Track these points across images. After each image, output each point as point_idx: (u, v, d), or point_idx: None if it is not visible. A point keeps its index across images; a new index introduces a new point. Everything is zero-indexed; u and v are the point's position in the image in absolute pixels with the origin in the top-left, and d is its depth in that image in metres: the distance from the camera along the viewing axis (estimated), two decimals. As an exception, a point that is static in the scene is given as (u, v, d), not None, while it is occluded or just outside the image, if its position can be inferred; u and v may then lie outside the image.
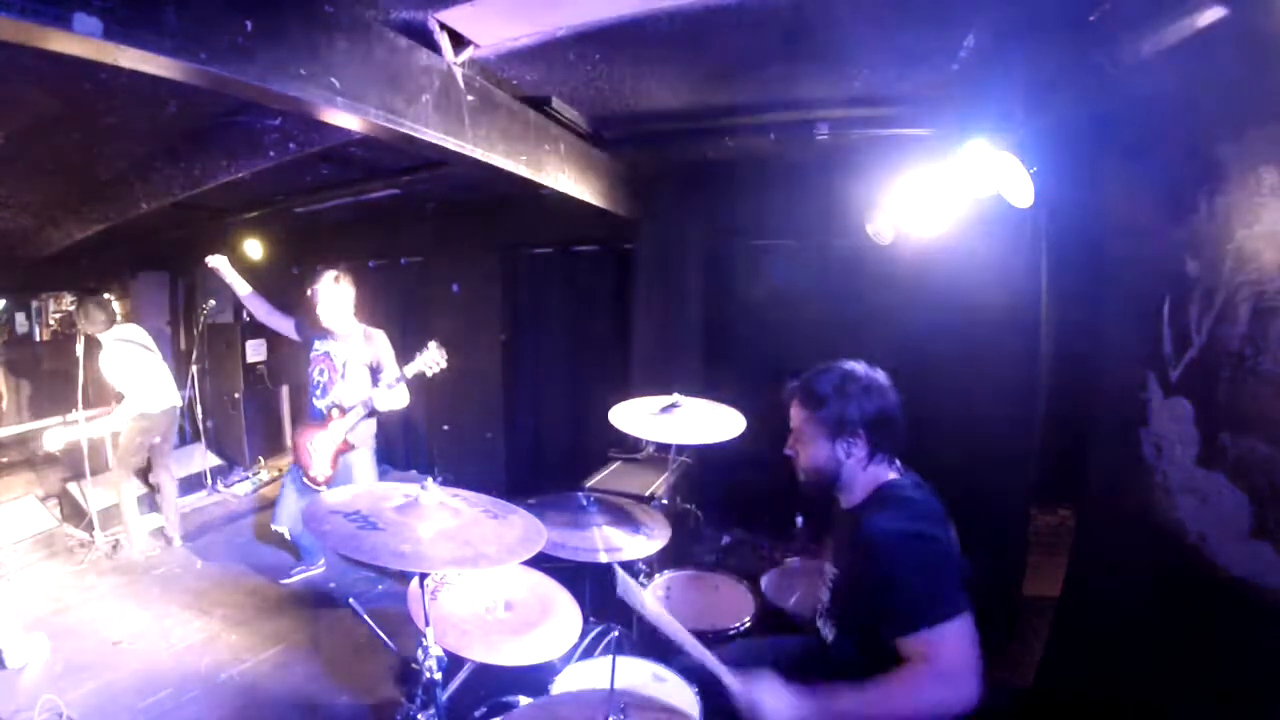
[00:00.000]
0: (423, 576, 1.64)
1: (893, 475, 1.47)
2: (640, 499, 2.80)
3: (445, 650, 1.64)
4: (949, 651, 1.19)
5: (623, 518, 2.29)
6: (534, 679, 1.83)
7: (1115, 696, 1.86)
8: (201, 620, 3.17)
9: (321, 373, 3.35)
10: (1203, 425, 1.56)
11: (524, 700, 1.83)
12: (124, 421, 3.75)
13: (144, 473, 4.05)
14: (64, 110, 2.38)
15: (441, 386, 4.40)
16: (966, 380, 2.87)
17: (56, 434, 3.53)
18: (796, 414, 1.52)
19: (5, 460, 4.88)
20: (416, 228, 4.91)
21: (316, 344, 3.38)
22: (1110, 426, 1.99)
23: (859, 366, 1.49)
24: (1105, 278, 2.12)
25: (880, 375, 1.48)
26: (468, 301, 4.86)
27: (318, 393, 3.35)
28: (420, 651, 1.61)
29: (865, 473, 1.47)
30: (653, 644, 2.13)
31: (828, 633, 1.52)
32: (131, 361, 3.74)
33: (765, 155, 3.34)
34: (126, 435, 3.79)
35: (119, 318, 4.22)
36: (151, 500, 4.13)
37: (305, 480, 3.34)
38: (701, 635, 2.04)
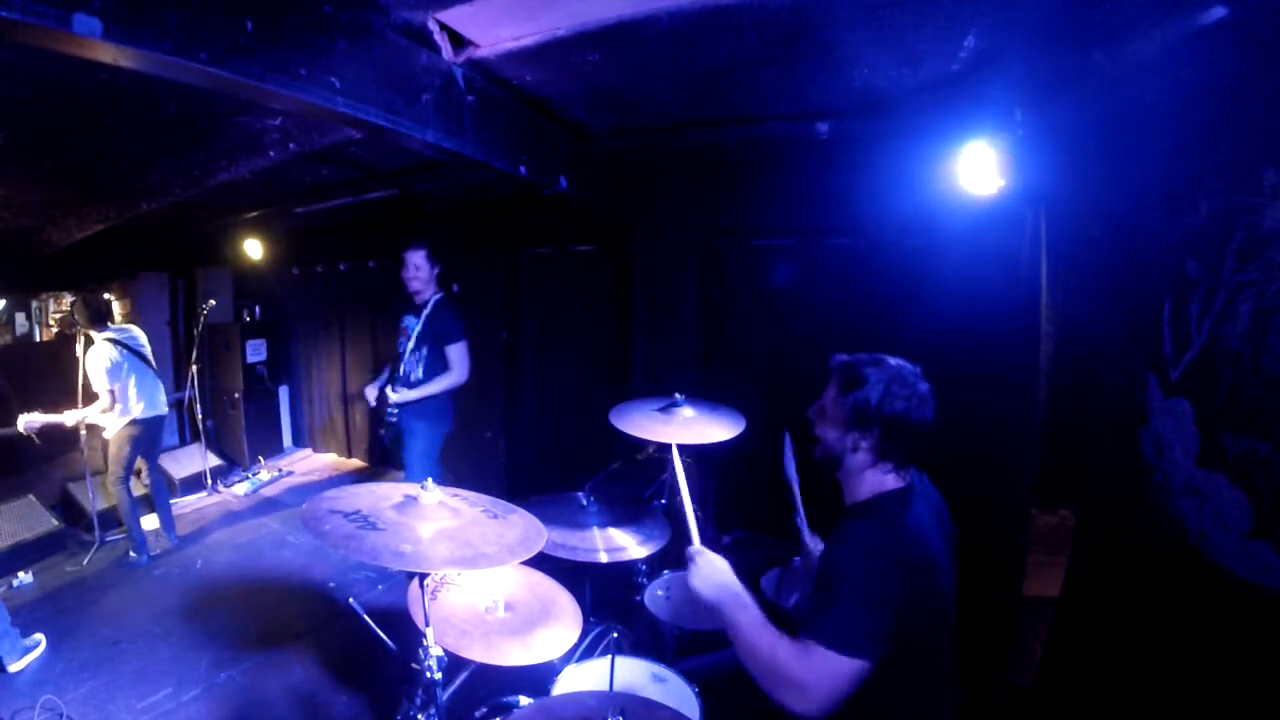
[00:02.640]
0: (422, 576, 1.64)
1: (898, 484, 1.44)
2: (640, 499, 2.80)
3: (445, 650, 1.64)
4: (826, 679, 1.21)
5: (623, 518, 2.29)
6: (534, 679, 1.83)
7: (1115, 696, 1.86)
8: (201, 620, 3.18)
9: (400, 345, 3.35)
10: (1203, 425, 1.55)
11: (524, 701, 1.83)
12: (111, 425, 3.72)
13: (138, 474, 4.05)
14: (64, 110, 2.38)
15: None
16: (966, 380, 2.86)
17: (31, 418, 3.53)
18: (829, 390, 1.51)
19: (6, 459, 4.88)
20: (416, 228, 4.91)
21: (405, 319, 3.38)
22: (1110, 426, 1.99)
23: (909, 370, 1.45)
24: (1105, 278, 2.11)
25: (924, 387, 1.44)
26: (468, 301, 4.86)
27: (399, 368, 3.33)
28: (420, 651, 1.61)
29: (868, 474, 1.45)
30: (653, 644, 2.14)
31: None
32: (120, 366, 3.70)
33: (765, 155, 3.34)
34: (115, 442, 3.76)
35: (117, 318, 4.20)
36: (151, 501, 4.13)
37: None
38: (701, 635, 2.06)
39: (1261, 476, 1.38)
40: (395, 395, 3.22)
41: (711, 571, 1.46)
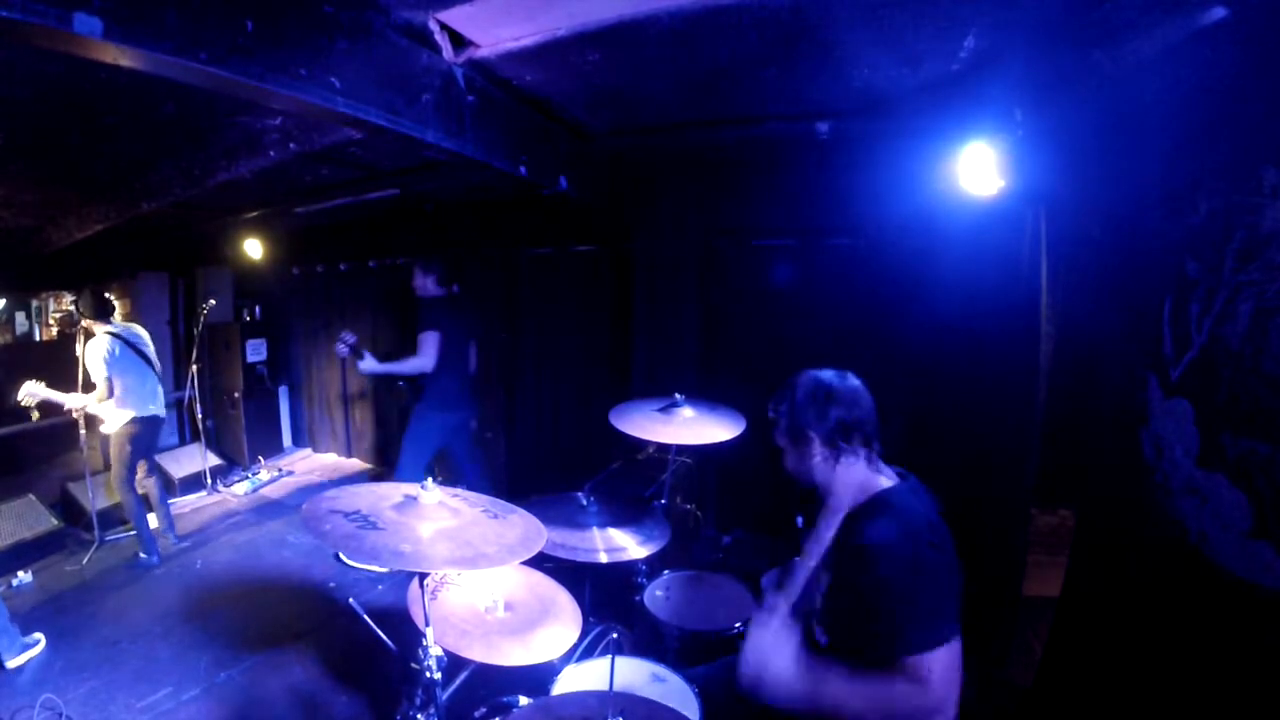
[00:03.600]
0: (422, 576, 1.64)
1: (887, 482, 1.46)
2: (640, 499, 2.80)
3: (445, 650, 1.64)
4: (934, 679, 1.22)
5: (623, 518, 2.29)
6: (534, 679, 1.83)
7: (1115, 696, 1.86)
8: (201, 620, 3.17)
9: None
10: (1203, 426, 1.55)
11: (524, 700, 1.83)
12: (110, 420, 3.72)
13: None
14: (64, 110, 2.38)
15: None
16: (967, 380, 2.87)
17: (33, 388, 3.55)
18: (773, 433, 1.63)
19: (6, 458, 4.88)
20: (416, 228, 4.92)
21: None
22: (1110, 426, 1.99)
23: (811, 376, 1.54)
24: (1105, 278, 2.11)
25: (848, 381, 1.52)
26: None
27: None
28: (420, 651, 1.61)
29: (840, 473, 1.48)
30: (653, 644, 2.13)
31: (821, 637, 1.50)
32: (118, 358, 3.69)
33: (765, 155, 3.34)
34: (115, 441, 3.76)
35: (118, 314, 4.21)
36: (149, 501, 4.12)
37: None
38: (701, 635, 2.06)
39: (1261, 476, 1.38)
40: (363, 363, 3.56)
41: (781, 670, 1.33)
